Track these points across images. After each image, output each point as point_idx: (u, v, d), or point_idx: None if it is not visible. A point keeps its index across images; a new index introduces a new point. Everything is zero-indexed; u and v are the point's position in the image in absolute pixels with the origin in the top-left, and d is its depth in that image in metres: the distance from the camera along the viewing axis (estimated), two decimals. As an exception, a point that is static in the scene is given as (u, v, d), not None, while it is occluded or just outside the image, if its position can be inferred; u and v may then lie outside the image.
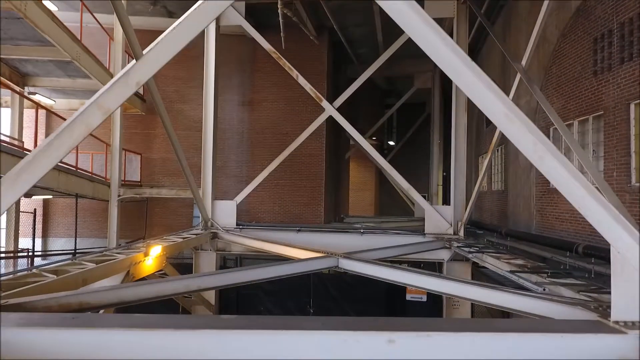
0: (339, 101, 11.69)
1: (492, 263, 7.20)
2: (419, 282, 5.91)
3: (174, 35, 3.62)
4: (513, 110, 3.32)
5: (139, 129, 15.27)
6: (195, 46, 14.81)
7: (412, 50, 19.38)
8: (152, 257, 7.36)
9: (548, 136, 9.04)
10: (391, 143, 27.33)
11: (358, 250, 8.01)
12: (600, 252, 5.64)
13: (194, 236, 9.87)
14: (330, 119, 16.23)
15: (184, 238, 9.33)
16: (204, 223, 11.43)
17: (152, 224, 15.18)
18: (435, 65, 19.60)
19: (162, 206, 15.15)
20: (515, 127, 3.35)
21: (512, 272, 5.84)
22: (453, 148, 11.08)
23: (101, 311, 5.07)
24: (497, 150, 13.54)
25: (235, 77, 15.38)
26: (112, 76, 12.33)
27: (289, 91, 15.24)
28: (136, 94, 14.55)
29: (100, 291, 4.48)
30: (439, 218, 10.90)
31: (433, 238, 10.79)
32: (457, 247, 8.97)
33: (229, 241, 10.71)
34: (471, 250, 8.13)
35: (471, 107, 12.21)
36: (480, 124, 16.66)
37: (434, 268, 12.25)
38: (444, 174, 22.76)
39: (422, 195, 22.17)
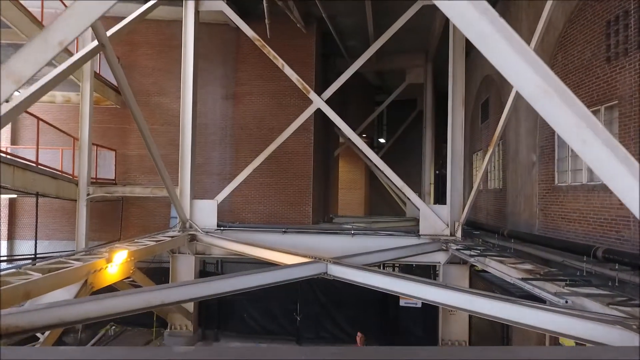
0: (328, 93, 10.97)
1: (497, 268, 6.53)
2: (417, 291, 5.20)
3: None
4: (551, 82, 2.63)
5: (113, 123, 14.33)
6: (175, 36, 13.96)
7: (404, 45, 18.65)
8: (115, 263, 6.53)
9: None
10: (382, 140, 26.70)
11: (348, 255, 7.30)
12: (623, 257, 4.98)
13: (169, 239, 9.04)
14: (319, 113, 15.49)
15: (157, 241, 8.51)
16: (181, 224, 10.63)
17: (128, 226, 14.26)
18: (428, 60, 18.99)
19: (139, 206, 14.24)
20: (552, 103, 2.66)
21: (524, 279, 5.16)
22: (449, 144, 10.44)
23: (45, 334, 4.27)
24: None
25: (218, 69, 14.54)
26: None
27: (275, 84, 14.45)
28: (110, 85, 13.62)
29: (35, 310, 3.66)
30: (434, 218, 10.26)
31: (429, 239, 10.15)
32: (456, 249, 8.31)
33: (208, 244, 9.90)
34: (472, 253, 7.47)
35: (466, 102, 11.62)
36: (474, 120, 16.08)
37: (428, 272, 11.60)
38: (437, 172, 22.21)
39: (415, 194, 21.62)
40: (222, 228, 10.74)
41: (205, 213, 10.87)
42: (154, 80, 14.48)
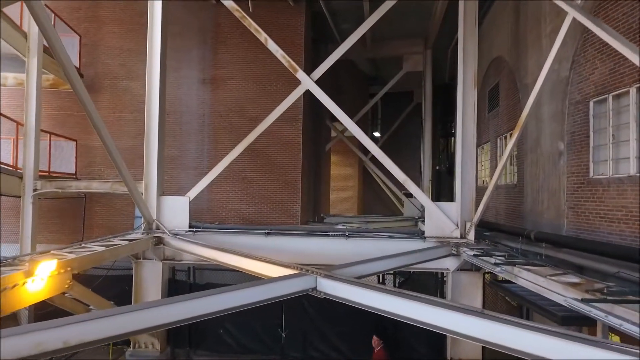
0: (318, 72, 9.53)
1: (534, 281, 5.16)
2: (443, 320, 3.80)
3: None
4: None
5: (75, 110, 12.74)
6: (146, 12, 12.45)
7: (401, 29, 17.23)
8: (40, 277, 5.02)
9: (587, 111, 7.08)
10: (376, 134, 25.34)
11: (343, 264, 5.85)
12: None
13: (126, 242, 7.54)
14: (308, 101, 14.06)
15: (108, 246, 7.00)
16: (146, 225, 9.12)
17: (92, 226, 12.70)
18: (427, 47, 17.65)
19: (104, 204, 12.68)
20: None
21: (586, 301, 3.77)
22: (459, 132, 9.07)
23: None
24: (505, 138, 11.63)
25: (194, 50, 13.03)
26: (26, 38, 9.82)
27: (260, 67, 13.00)
28: (70, 66, 12.02)
29: None
30: (442, 218, 8.89)
31: (436, 242, 8.78)
32: (473, 255, 6.93)
33: (176, 248, 8.41)
34: (495, 261, 6.09)
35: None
36: (479, 110, 14.73)
37: (432, 278, 10.24)
38: (437, 167, 20.92)
39: (408, 193, 20.26)
40: (194, 229, 9.26)
41: (175, 212, 9.38)
42: (122, 61, 12.92)
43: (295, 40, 13.08)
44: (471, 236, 8.61)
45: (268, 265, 5.71)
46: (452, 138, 26.55)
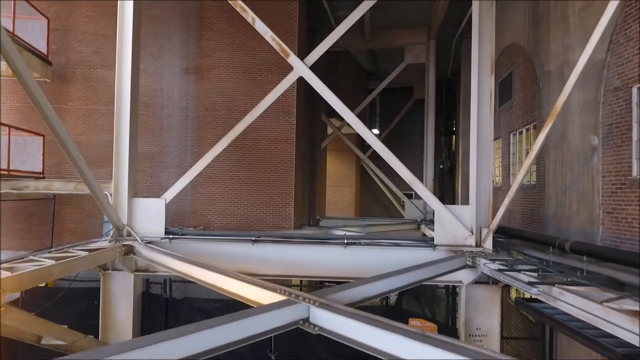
0: (313, 57, 8.43)
1: (587, 309, 4.08)
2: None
3: None
4: None
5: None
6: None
7: (403, 18, 16.07)
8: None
9: (629, 99, 6.02)
10: (375, 132, 24.25)
11: (341, 286, 4.71)
12: None
13: (85, 254, 6.40)
14: (302, 94, 12.96)
15: (64, 257, 5.88)
16: (114, 231, 7.99)
17: (62, 231, 11.53)
18: (430, 37, 16.60)
19: (76, 206, 11.51)
20: None
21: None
22: (474, 125, 8.00)
23: None
24: (520, 133, 10.58)
25: (177, 36, 11.89)
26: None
27: (249, 56, 11.88)
28: (37, 54, 10.86)
29: None
30: (454, 224, 7.83)
31: (447, 252, 7.72)
32: (497, 270, 5.86)
33: (147, 260, 7.27)
34: (530, 279, 5.01)
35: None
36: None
37: (443, 289, 9.17)
38: (441, 166, 19.89)
39: (409, 193, 19.24)
40: (171, 236, 8.13)
41: (150, 216, 8.26)
42: (97, 48, 11.76)
43: (288, 26, 11.97)
44: (488, 244, 7.55)
45: (250, 287, 4.60)
46: (454, 136, 25.58)
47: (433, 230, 12.79)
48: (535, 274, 5.33)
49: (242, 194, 11.84)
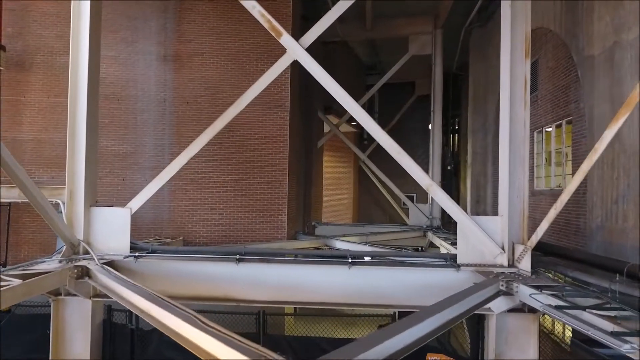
0: (310, 37, 7.09)
1: None
2: None
3: None
4: None
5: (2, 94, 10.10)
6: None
7: (408, 5, 14.69)
8: None
9: None
10: (375, 130, 22.89)
11: (349, 347, 3.28)
12: None
13: (19, 282, 5.01)
14: (297, 86, 11.65)
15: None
16: (67, 248, 6.59)
17: (20, 242, 10.11)
18: (437, 26, 15.36)
19: (35, 215, 10.05)
20: None
21: None
22: (505, 121, 6.69)
23: None
24: (549, 130, 9.29)
25: (153, 19, 10.50)
26: None
27: (236, 42, 10.53)
28: (-12, 36, 9.42)
29: None
30: (482, 238, 6.53)
31: (474, 272, 6.42)
32: (555, 307, 4.54)
33: (102, 286, 5.86)
34: (616, 328, 3.69)
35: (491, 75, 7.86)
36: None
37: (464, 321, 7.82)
38: (449, 167, 18.61)
39: (410, 196, 17.95)
40: (137, 254, 6.75)
41: (112, 229, 6.88)
42: (60, 32, 10.31)
43: (281, 9, 10.61)
44: (525, 265, 6.25)
45: (221, 345, 3.22)
46: (457, 135, 24.35)
47: (442, 239, 11.44)
48: (611, 315, 4.01)
49: (228, 200, 10.48)
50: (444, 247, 11.03)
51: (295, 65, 11.84)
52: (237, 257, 6.66)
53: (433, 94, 15.19)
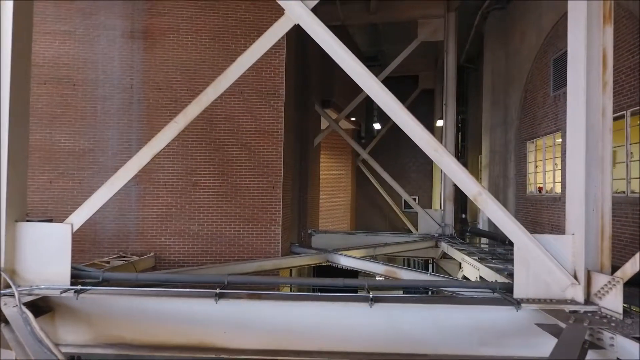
0: (317, -5, 5.39)
1: None
2: None
3: None
4: None
5: None
6: None
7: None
8: None
9: None
10: (377, 126, 21.32)
11: None
12: None
13: None
14: (293, 73, 10.00)
15: None
16: (-20, 281, 4.84)
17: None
18: (450, 8, 13.84)
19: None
20: None
21: None
22: (576, 110, 5.09)
23: None
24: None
25: (118, -13, 8.73)
26: None
27: (219, 16, 8.82)
28: None
29: None
30: (547, 264, 4.98)
31: (538, 311, 4.82)
32: None
33: (15, 343, 4.11)
34: None
35: (511, 63, 6.20)
36: (536, 88, 10.94)
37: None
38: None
39: (414, 198, 16.35)
40: (79, 287, 5.02)
41: (47, 252, 5.16)
42: None
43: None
44: (614, 303, 4.64)
45: None
46: (461, 133, 22.88)
47: (465, 252, 9.79)
48: None
49: (209, 207, 8.76)
50: (467, 263, 9.43)
51: (292, 50, 10.17)
52: (217, 291, 4.95)
53: (445, 85, 13.61)
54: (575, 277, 4.94)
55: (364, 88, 5.35)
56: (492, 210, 5.14)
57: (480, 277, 8.41)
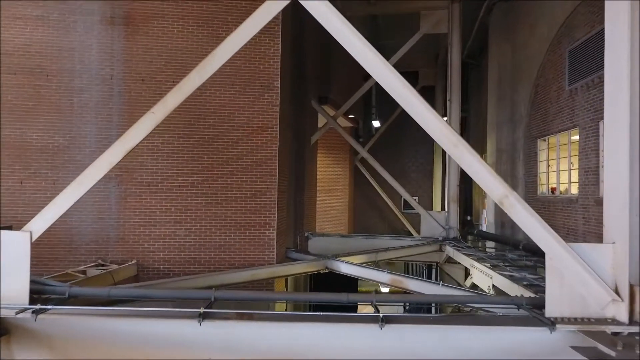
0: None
1: None
2: None
3: None
4: None
5: None
6: None
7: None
8: None
9: None
10: (376, 124, 20.67)
11: None
12: None
13: None
14: (289, 63, 9.33)
15: None
16: None
17: None
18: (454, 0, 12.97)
19: None
20: None
21: None
22: (617, 95, 4.42)
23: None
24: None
25: (97, -31, 7.98)
26: None
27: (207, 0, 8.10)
28: None
29: None
30: (584, 277, 4.38)
31: (576, 332, 4.18)
32: None
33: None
34: None
35: (519, 57, 5.45)
36: (546, 84, 10.32)
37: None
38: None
39: (412, 198, 15.69)
40: (39, 306, 4.31)
41: (2, 264, 4.41)
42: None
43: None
44: (666, 325, 3.98)
45: None
46: (461, 132, 22.30)
47: (474, 258, 9.20)
48: None
49: (197, 210, 8.06)
50: (477, 269, 8.78)
51: (287, 39, 9.46)
52: (202, 310, 4.25)
53: (450, 80, 12.97)
54: (617, 293, 4.30)
55: (371, 71, 4.68)
56: (521, 216, 4.47)
57: (493, 285, 7.77)
